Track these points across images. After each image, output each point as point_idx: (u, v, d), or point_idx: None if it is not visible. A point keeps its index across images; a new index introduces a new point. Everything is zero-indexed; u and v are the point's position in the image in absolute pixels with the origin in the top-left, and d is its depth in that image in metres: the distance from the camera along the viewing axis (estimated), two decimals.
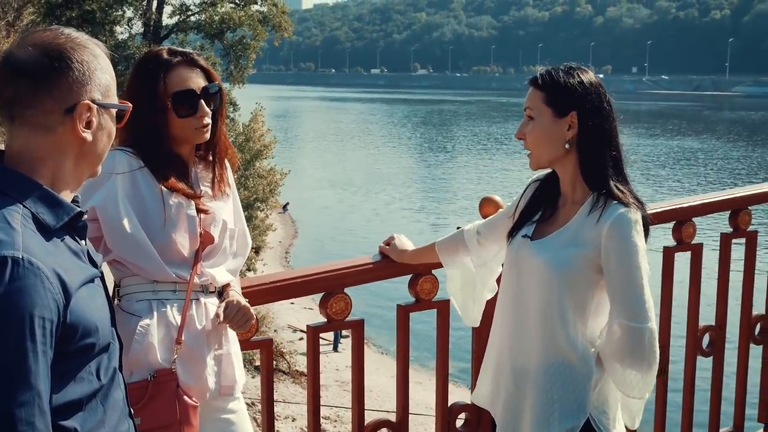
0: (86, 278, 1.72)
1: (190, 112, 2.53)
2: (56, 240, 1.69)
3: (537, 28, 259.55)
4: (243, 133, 28.13)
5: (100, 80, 1.75)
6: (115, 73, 1.83)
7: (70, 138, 1.72)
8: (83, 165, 1.78)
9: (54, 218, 1.69)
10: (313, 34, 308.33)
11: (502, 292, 2.71)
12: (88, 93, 1.72)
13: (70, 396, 1.65)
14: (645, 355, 2.43)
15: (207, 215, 2.57)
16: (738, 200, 3.92)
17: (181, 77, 2.55)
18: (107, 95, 1.78)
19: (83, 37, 1.77)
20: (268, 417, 2.96)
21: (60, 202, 1.72)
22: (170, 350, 2.45)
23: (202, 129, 2.56)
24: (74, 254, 1.73)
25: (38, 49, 1.69)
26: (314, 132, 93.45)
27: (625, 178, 2.54)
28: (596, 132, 2.50)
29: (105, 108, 1.77)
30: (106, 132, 1.79)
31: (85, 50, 1.74)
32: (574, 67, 2.57)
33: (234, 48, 38.46)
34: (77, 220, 1.76)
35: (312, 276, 2.95)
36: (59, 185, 1.74)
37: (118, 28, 37.04)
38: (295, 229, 43.26)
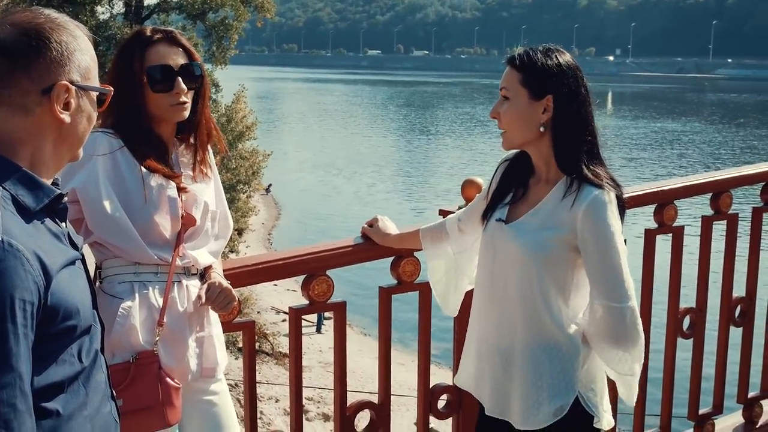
0: (67, 260, 1.70)
1: (165, 87, 2.51)
2: (36, 222, 1.67)
3: (521, 9, 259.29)
4: (225, 114, 27.99)
5: (80, 62, 1.73)
6: (96, 53, 1.81)
7: (48, 119, 1.70)
8: (63, 148, 1.76)
9: (34, 200, 1.67)
10: (296, 15, 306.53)
11: (479, 276, 2.71)
12: (66, 74, 1.70)
13: (51, 378, 1.64)
14: (628, 332, 2.45)
15: (188, 197, 2.56)
16: (719, 183, 3.93)
17: (159, 53, 2.54)
18: (87, 77, 1.75)
19: (63, 18, 1.75)
20: (250, 398, 2.95)
21: (40, 184, 1.70)
22: (152, 332, 2.45)
23: (179, 107, 2.54)
24: (55, 236, 1.72)
25: (16, 29, 1.67)
26: (297, 113, 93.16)
27: (600, 160, 2.54)
28: (572, 116, 2.49)
29: (84, 90, 1.75)
30: (85, 115, 1.77)
31: (65, 31, 1.72)
32: (552, 48, 2.55)
33: (216, 29, 38.18)
34: (57, 203, 1.75)
35: (294, 258, 2.94)
36: (39, 167, 1.72)
37: (100, 8, 36.64)
38: (278, 211, 43.23)
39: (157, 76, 2.51)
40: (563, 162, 2.50)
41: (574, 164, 2.48)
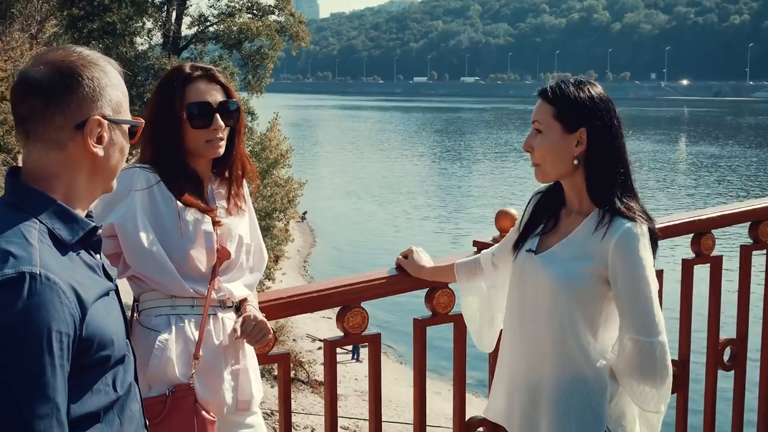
0: (101, 292, 1.74)
1: (204, 123, 2.56)
2: (72, 254, 1.71)
3: (554, 35, 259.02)
4: (260, 142, 28.23)
5: (111, 96, 1.77)
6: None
7: (82, 153, 1.74)
8: (97, 180, 1.80)
9: (70, 233, 1.72)
10: (330, 43, 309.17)
11: (508, 307, 2.69)
12: (98, 109, 1.74)
13: (87, 408, 1.68)
14: (658, 368, 2.42)
15: (223, 231, 2.59)
16: (758, 211, 3.87)
17: (198, 90, 2.59)
18: (118, 111, 1.79)
19: (95, 55, 1.80)
20: (285, 430, 2.95)
21: (75, 217, 1.74)
22: (188, 365, 2.47)
23: (215, 143, 2.58)
24: (89, 268, 1.75)
25: (49, 67, 1.72)
26: (331, 140, 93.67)
27: (633, 192, 2.53)
28: (605, 149, 2.48)
29: (116, 124, 1.79)
30: (117, 147, 1.81)
31: (96, 67, 1.76)
32: (584, 80, 2.55)
33: (252, 58, 38.67)
34: (92, 235, 1.79)
35: (329, 290, 2.94)
36: (73, 200, 1.76)
37: (138, 39, 37.31)
38: (314, 238, 43.34)
39: (196, 113, 2.55)
40: (596, 194, 2.49)
41: (606, 196, 2.47)
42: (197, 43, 38.40)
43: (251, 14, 39.05)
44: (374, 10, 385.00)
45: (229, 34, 37.94)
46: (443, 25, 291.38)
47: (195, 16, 38.75)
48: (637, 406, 2.53)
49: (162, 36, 37.68)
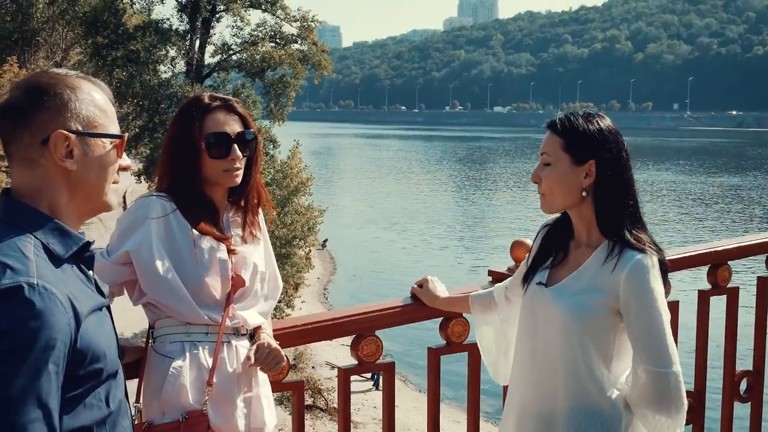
0: (95, 306, 1.79)
1: (222, 153, 2.59)
2: (66, 268, 1.76)
3: (576, 64, 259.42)
4: (281, 170, 28.36)
5: (79, 111, 1.80)
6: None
7: (54, 169, 1.78)
8: (78, 197, 1.83)
9: (63, 248, 1.76)
10: (352, 72, 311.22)
11: (518, 339, 2.69)
12: (62, 123, 1.78)
13: (80, 422, 1.72)
14: (672, 399, 2.41)
15: (238, 259, 2.61)
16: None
17: (217, 121, 2.62)
18: (92, 126, 1.82)
19: (69, 74, 1.85)
20: None
21: (68, 232, 1.79)
22: (202, 392, 2.48)
23: (233, 172, 2.61)
24: (83, 282, 1.80)
25: (21, 90, 1.79)
26: (353, 169, 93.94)
27: (642, 223, 2.52)
28: (614, 181, 2.49)
29: (87, 137, 1.81)
30: (96, 162, 1.83)
31: (64, 85, 1.80)
32: (592, 113, 2.55)
33: (274, 86, 38.97)
34: (85, 250, 1.83)
35: (343, 318, 2.96)
36: (59, 216, 1.80)
37: (162, 67, 37.72)
38: (334, 266, 43.38)
39: (214, 143, 2.58)
40: (605, 226, 2.50)
41: (616, 228, 2.47)
42: (220, 71, 38.76)
43: (274, 43, 39.41)
44: (397, 40, 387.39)
45: (252, 63, 38.28)
46: (465, 55, 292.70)
47: (218, 45, 39.14)
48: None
49: (185, 64, 38.06)
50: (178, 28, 37.84)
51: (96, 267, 2.51)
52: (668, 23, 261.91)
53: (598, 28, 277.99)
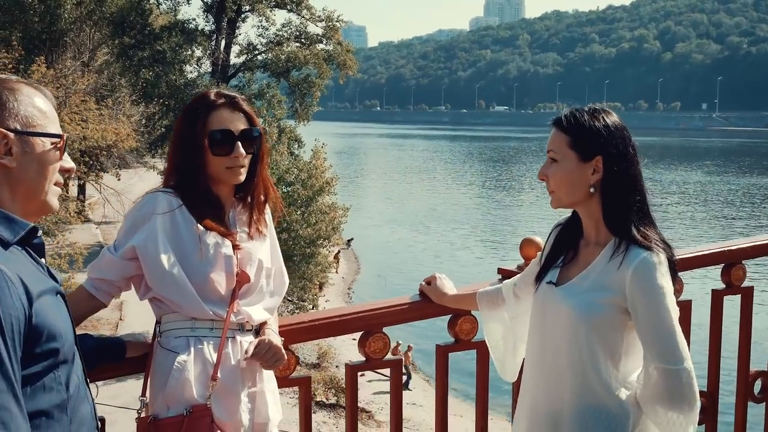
0: (47, 288, 1.83)
1: (225, 151, 2.60)
2: (14, 250, 1.81)
3: (603, 64, 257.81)
4: (305, 169, 28.41)
5: (17, 111, 1.86)
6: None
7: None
8: (20, 195, 1.88)
9: (10, 233, 1.81)
10: (378, 72, 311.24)
11: (529, 338, 2.68)
12: (1, 122, 1.83)
13: (39, 405, 1.76)
14: (685, 395, 2.39)
15: (244, 255, 2.62)
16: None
17: (221, 118, 2.62)
18: (29, 125, 1.87)
19: (12, 79, 1.90)
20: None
21: (14, 219, 1.84)
22: (206, 386, 2.50)
23: (236, 169, 2.62)
24: (33, 266, 1.85)
25: None
26: (377, 168, 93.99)
27: (650, 220, 2.50)
28: (621, 177, 2.47)
29: (28, 136, 1.86)
30: (35, 160, 1.88)
31: (4, 87, 1.86)
32: (598, 109, 2.53)
33: (299, 86, 39.13)
34: (32, 236, 1.87)
35: (350, 315, 2.97)
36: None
37: (188, 67, 38.04)
38: (358, 265, 43.40)
39: (217, 140, 2.59)
40: (612, 223, 2.48)
41: (623, 225, 2.46)
42: (245, 71, 38.98)
43: (299, 43, 39.56)
44: (422, 39, 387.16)
45: (277, 63, 38.46)
46: (492, 54, 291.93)
47: (244, 45, 39.41)
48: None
49: (211, 64, 38.34)
50: (203, 29, 38.14)
51: (103, 262, 2.56)
52: (697, 22, 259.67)
53: (625, 27, 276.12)
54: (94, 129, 28.20)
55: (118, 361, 2.58)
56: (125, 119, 33.54)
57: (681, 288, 3.49)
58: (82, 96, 28.90)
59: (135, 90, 36.62)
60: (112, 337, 2.63)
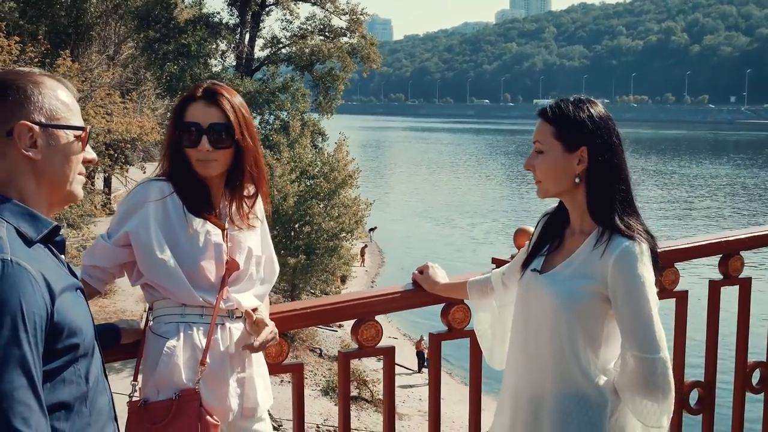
0: (68, 285, 1.88)
1: (192, 143, 2.64)
2: (38, 248, 1.86)
3: (630, 57, 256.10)
4: (328, 162, 28.49)
5: (42, 104, 1.90)
6: None
7: (19, 158, 1.88)
8: (45, 185, 1.93)
9: (34, 231, 1.86)
10: (403, 65, 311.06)
11: (514, 325, 2.72)
12: (26, 115, 1.87)
13: (59, 397, 1.81)
14: (659, 384, 2.41)
15: (233, 243, 2.67)
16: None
17: (195, 111, 2.65)
18: (54, 119, 1.92)
19: (33, 71, 1.94)
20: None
21: (38, 217, 1.89)
22: (195, 371, 2.55)
23: (204, 162, 2.64)
24: (55, 263, 1.90)
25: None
26: (401, 162, 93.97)
27: (634, 210, 2.53)
28: (605, 167, 2.50)
29: (50, 128, 1.91)
30: (59, 152, 1.93)
31: (27, 79, 1.90)
32: (583, 99, 2.56)
33: (323, 79, 39.26)
34: (54, 234, 1.92)
35: (343, 303, 3.01)
36: (29, 204, 1.90)
37: (213, 60, 38.28)
38: (382, 258, 43.49)
39: (184, 132, 2.64)
40: (597, 212, 2.51)
41: (607, 215, 2.48)
42: (269, 65, 39.14)
43: (323, 36, 39.68)
44: (448, 32, 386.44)
45: (301, 56, 38.60)
46: (517, 47, 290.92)
47: (268, 38, 39.58)
48: (639, 421, 2.53)
49: (235, 57, 38.56)
50: (228, 22, 38.35)
51: (97, 249, 2.62)
52: (726, 14, 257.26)
53: (653, 19, 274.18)
54: (119, 122, 28.43)
55: (113, 346, 2.63)
56: (150, 112, 33.74)
57: (676, 279, 3.51)
58: (107, 89, 29.16)
59: (160, 83, 36.93)
60: (108, 323, 2.69)
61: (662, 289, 3.48)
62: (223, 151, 2.65)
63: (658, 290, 3.41)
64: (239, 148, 2.68)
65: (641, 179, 71.53)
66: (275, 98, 36.42)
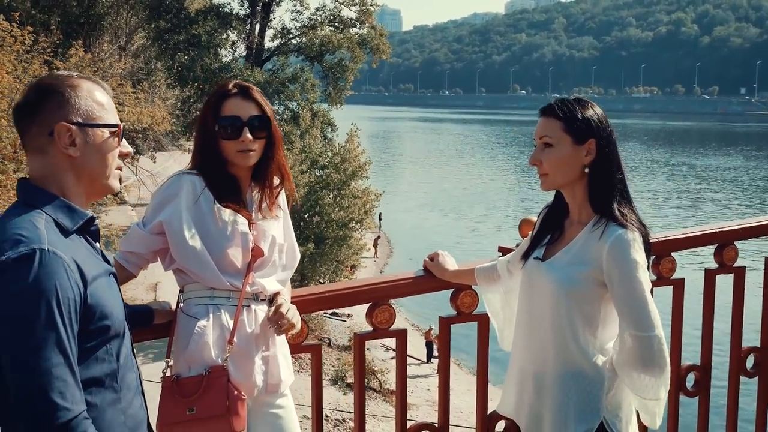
0: (102, 271, 2.11)
1: (233, 135, 2.86)
2: (74, 238, 2.08)
3: (640, 48, 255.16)
4: (339, 153, 28.65)
5: (79, 105, 2.11)
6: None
7: (60, 156, 2.10)
8: (84, 179, 2.14)
9: (71, 222, 2.08)
10: (412, 56, 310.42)
11: (519, 309, 2.95)
12: (65, 116, 2.08)
13: (92, 373, 2.04)
14: (656, 359, 2.63)
15: (258, 232, 2.88)
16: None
17: (232, 106, 2.88)
18: (91, 118, 2.12)
19: (70, 74, 2.16)
20: (317, 418, 3.21)
21: (74, 209, 2.11)
22: (223, 349, 2.76)
23: (245, 153, 2.87)
24: (89, 251, 2.12)
25: (30, 91, 2.12)
26: (411, 152, 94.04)
27: (629, 201, 2.75)
28: (610, 158, 2.73)
29: (87, 127, 2.11)
30: (96, 148, 2.14)
31: (64, 84, 2.11)
32: (583, 99, 2.81)
33: (333, 70, 39.32)
34: (90, 224, 2.15)
35: (358, 287, 3.20)
36: (68, 197, 2.11)
37: (223, 51, 38.38)
38: (390, 249, 43.66)
39: (227, 126, 2.86)
40: (596, 202, 2.72)
41: (605, 204, 2.70)
42: (279, 55, 39.23)
43: (333, 27, 39.71)
44: (457, 23, 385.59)
45: (311, 47, 38.65)
46: (527, 38, 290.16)
47: (278, 29, 39.62)
48: (637, 395, 2.73)
49: (245, 48, 38.65)
50: (238, 13, 38.43)
51: (133, 236, 2.84)
52: (736, 5, 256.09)
53: (663, 11, 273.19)
54: (130, 112, 28.68)
55: (147, 326, 2.85)
56: (161, 102, 34.07)
57: (674, 267, 3.69)
58: (118, 80, 29.42)
59: (170, 74, 37.10)
60: (142, 305, 2.90)
61: (660, 276, 3.68)
62: (260, 141, 2.89)
63: (655, 278, 3.64)
64: (270, 139, 2.92)
65: (650, 170, 71.55)
66: (285, 89, 36.55)
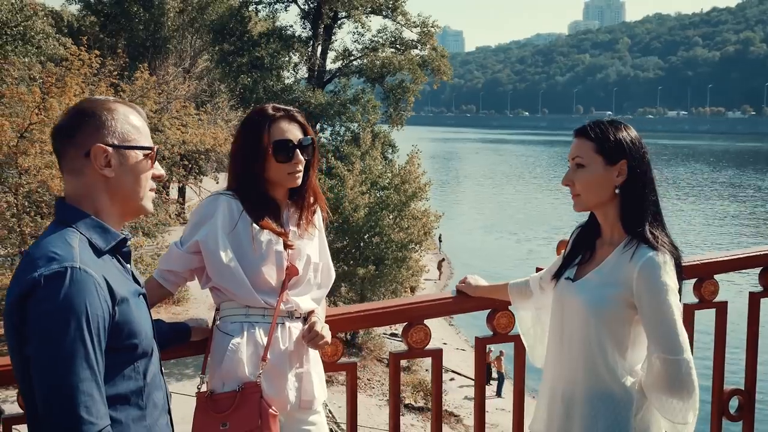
0: (132, 291, 2.17)
1: (286, 158, 2.93)
2: (106, 258, 2.15)
3: (707, 68, 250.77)
4: (399, 174, 28.71)
5: (115, 128, 2.18)
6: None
7: (96, 177, 2.17)
8: (118, 200, 2.22)
9: (104, 242, 2.16)
10: (474, 77, 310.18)
11: (550, 328, 2.96)
12: (101, 138, 2.16)
13: (118, 390, 2.10)
14: (684, 383, 2.61)
15: (294, 251, 2.94)
16: (764, 257, 3.86)
17: (281, 129, 2.96)
18: (126, 141, 2.20)
19: (111, 100, 2.23)
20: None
21: (108, 229, 2.18)
22: (257, 366, 2.83)
23: (295, 174, 2.95)
24: (120, 271, 2.19)
25: (69, 113, 2.21)
26: (472, 174, 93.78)
27: (661, 222, 2.75)
28: (642, 179, 2.73)
29: (124, 149, 2.18)
30: (130, 170, 2.21)
31: (101, 107, 2.19)
32: (616, 120, 2.82)
33: (394, 91, 39.50)
34: (122, 245, 2.21)
35: (394, 307, 3.25)
36: (102, 217, 2.19)
37: (285, 72, 38.88)
38: (451, 270, 43.54)
39: (280, 148, 2.93)
40: (629, 223, 2.72)
41: (637, 224, 2.70)
42: (341, 77, 39.60)
43: (394, 48, 39.93)
44: (520, 44, 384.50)
45: (372, 68, 38.91)
46: (590, 59, 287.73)
47: (339, 51, 40.00)
48: (666, 419, 2.71)
49: (307, 70, 39.09)
50: (300, 35, 38.93)
51: (171, 255, 2.93)
52: None
53: (731, 30, 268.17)
54: (194, 134, 29.18)
55: (184, 342, 2.93)
56: (223, 124, 34.57)
57: (716, 290, 3.66)
58: (182, 102, 29.97)
59: (233, 95, 37.70)
60: (179, 322, 2.99)
61: (702, 300, 3.64)
62: (304, 163, 2.97)
63: (697, 301, 3.60)
64: (309, 161, 3.00)
65: (716, 191, 70.20)
66: (346, 110, 36.86)
